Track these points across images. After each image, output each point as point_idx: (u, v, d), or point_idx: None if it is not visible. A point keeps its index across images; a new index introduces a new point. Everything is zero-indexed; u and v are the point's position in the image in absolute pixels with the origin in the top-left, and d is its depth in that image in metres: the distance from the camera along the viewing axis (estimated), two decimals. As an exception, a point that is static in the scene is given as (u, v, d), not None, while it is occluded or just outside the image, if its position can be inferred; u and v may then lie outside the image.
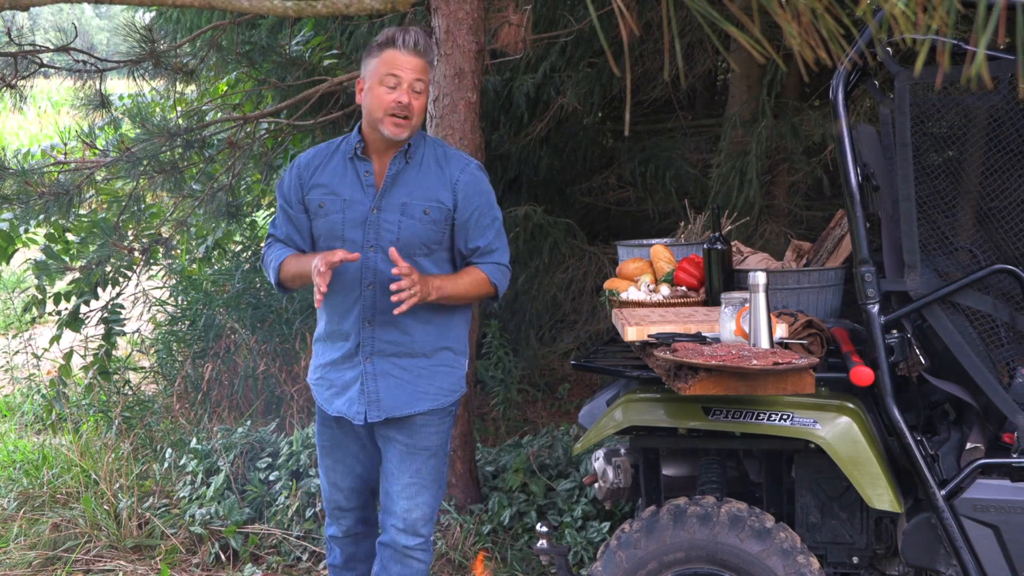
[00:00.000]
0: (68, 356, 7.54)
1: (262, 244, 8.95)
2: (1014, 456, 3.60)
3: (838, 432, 3.69)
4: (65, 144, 7.69)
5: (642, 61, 7.03)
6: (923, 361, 3.74)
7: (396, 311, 3.63)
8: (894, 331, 3.65)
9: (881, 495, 3.65)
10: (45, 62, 6.21)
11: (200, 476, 6.04)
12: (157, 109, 8.41)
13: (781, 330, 3.74)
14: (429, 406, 3.92)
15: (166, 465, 6.40)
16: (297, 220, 3.97)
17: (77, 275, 6.94)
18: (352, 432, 4.03)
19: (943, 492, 3.60)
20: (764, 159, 6.53)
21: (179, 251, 8.41)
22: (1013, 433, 3.62)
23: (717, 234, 4.39)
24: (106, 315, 7.34)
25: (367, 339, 3.88)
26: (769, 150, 6.57)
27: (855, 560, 3.98)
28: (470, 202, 3.89)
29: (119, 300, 7.44)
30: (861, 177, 3.64)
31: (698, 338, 3.75)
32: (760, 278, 3.57)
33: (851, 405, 3.76)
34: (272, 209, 9.41)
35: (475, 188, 3.92)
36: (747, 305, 3.62)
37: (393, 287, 3.61)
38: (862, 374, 3.60)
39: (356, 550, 4.23)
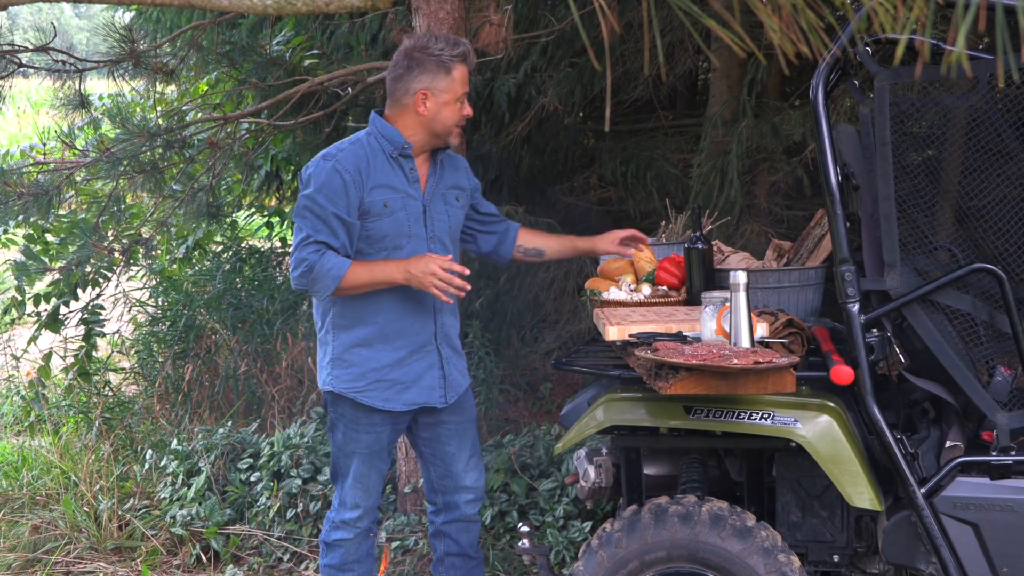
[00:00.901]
0: (48, 357, 7.51)
1: (244, 244, 9.00)
2: (993, 454, 3.61)
3: (819, 431, 3.70)
4: (44, 144, 7.64)
5: (623, 61, 7.03)
6: (903, 360, 3.75)
7: (448, 299, 3.88)
8: (874, 330, 3.65)
9: (861, 493, 3.66)
10: (24, 62, 6.18)
11: (181, 477, 6.02)
12: (137, 109, 8.36)
13: (762, 329, 3.75)
14: (468, 381, 4.32)
15: (147, 466, 6.37)
16: (351, 226, 3.92)
17: (57, 276, 6.92)
18: (391, 428, 4.15)
19: (923, 490, 3.61)
20: (745, 159, 6.54)
21: (159, 252, 8.38)
22: (992, 431, 3.64)
23: (698, 233, 4.39)
24: (86, 316, 7.32)
25: (440, 327, 4.12)
26: (750, 150, 6.58)
27: (836, 558, 3.99)
28: (473, 181, 4.35)
29: (99, 301, 7.41)
30: (841, 176, 3.64)
31: (679, 337, 3.76)
32: (741, 277, 3.58)
33: (831, 404, 3.77)
34: (252, 209, 9.40)
35: (474, 178, 4.38)
36: (728, 304, 3.63)
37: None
38: (842, 373, 3.61)
39: (359, 549, 4.26)
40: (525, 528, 4.34)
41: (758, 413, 3.75)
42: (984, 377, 3.70)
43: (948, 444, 3.69)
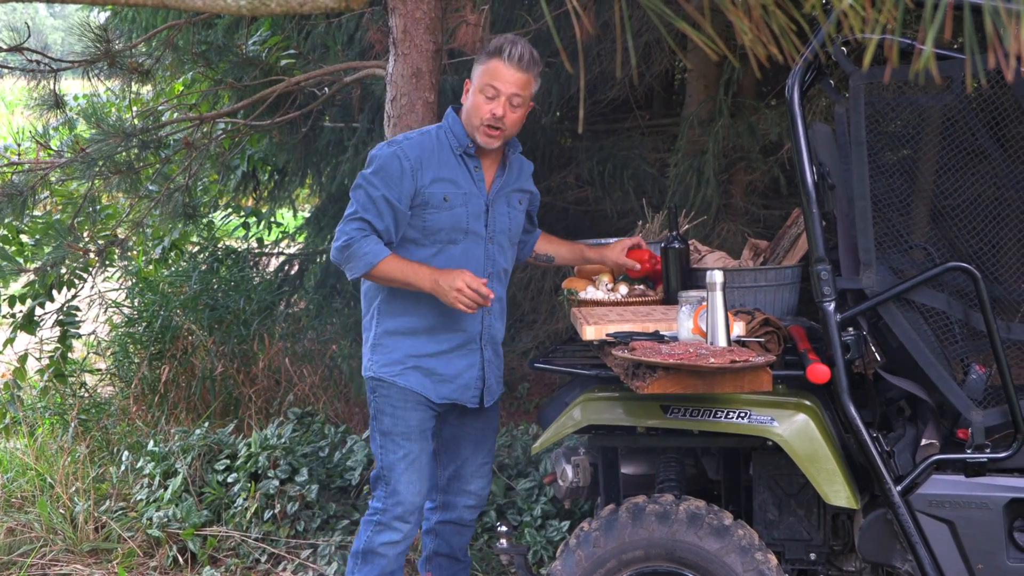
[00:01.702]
0: (23, 359, 7.47)
1: (220, 245, 8.98)
2: (968, 452, 3.63)
3: (795, 429, 3.71)
4: (19, 145, 7.60)
5: (599, 61, 7.03)
6: (879, 358, 3.77)
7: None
8: (850, 329, 3.67)
9: (838, 492, 3.67)
10: (-2, 62, 6.15)
11: (157, 479, 5.99)
12: (112, 109, 8.35)
13: (738, 328, 3.75)
14: (502, 390, 4.34)
15: (123, 468, 6.34)
16: (400, 213, 3.94)
17: (32, 277, 6.88)
18: (434, 419, 4.16)
19: (899, 488, 3.62)
20: (721, 158, 6.55)
21: (135, 252, 8.36)
22: (967, 429, 3.66)
23: (675, 233, 4.40)
24: (61, 317, 7.29)
25: (487, 328, 4.13)
26: (726, 149, 6.60)
27: (812, 556, 4.00)
28: (535, 187, 4.40)
29: (74, 302, 7.39)
30: (817, 176, 3.65)
31: (656, 337, 3.76)
32: (717, 277, 3.59)
33: (808, 402, 3.78)
34: (228, 210, 9.37)
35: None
36: (704, 304, 3.64)
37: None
38: (818, 372, 3.62)
39: (398, 560, 4.16)
40: (503, 528, 4.35)
41: (735, 412, 3.76)
42: (959, 375, 3.72)
43: (924, 442, 3.70)
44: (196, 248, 8.87)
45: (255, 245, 9.37)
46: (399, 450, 4.08)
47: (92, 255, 6.60)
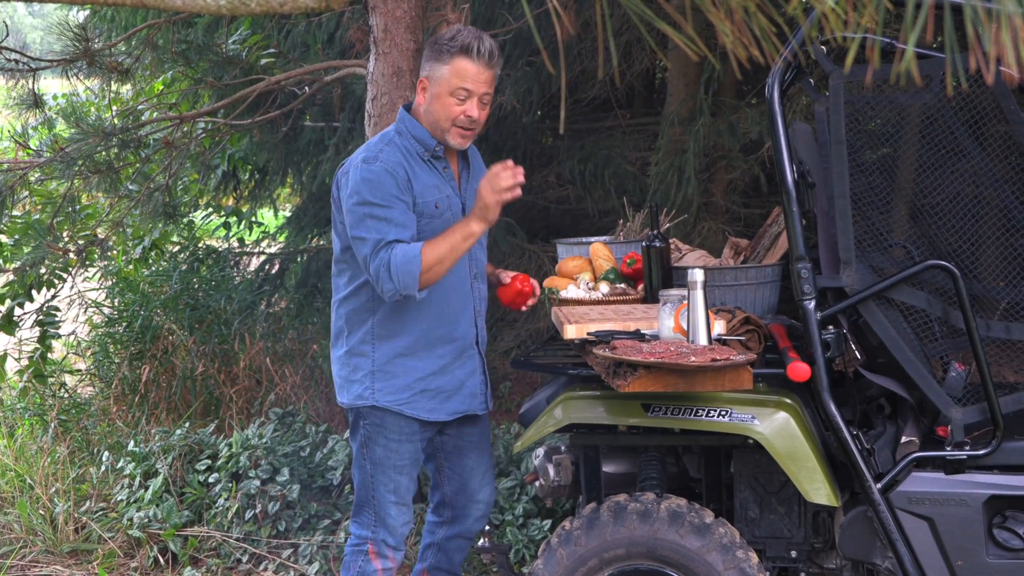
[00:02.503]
0: (2, 359, 7.43)
1: (201, 244, 8.96)
2: (948, 449, 3.64)
3: (776, 427, 3.72)
4: (-2, 144, 7.58)
5: (580, 60, 7.04)
6: (859, 356, 3.78)
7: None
8: (830, 327, 3.68)
9: (818, 489, 3.69)
10: (-24, 61, 6.13)
11: (138, 479, 5.98)
12: (92, 108, 8.33)
13: (719, 327, 3.76)
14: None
15: (103, 468, 6.32)
16: (412, 216, 3.76)
17: (11, 277, 6.85)
18: (428, 438, 4.06)
19: (879, 485, 3.63)
20: (702, 157, 6.57)
21: (115, 252, 8.33)
22: (947, 426, 3.67)
23: (655, 232, 4.41)
24: (41, 317, 7.25)
25: (480, 331, 4.07)
26: (707, 148, 6.61)
27: (793, 554, 4.01)
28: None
29: (54, 302, 7.35)
30: (797, 175, 3.67)
31: (637, 335, 3.77)
32: (698, 275, 3.59)
33: (788, 400, 3.79)
34: (209, 209, 9.35)
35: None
36: (685, 302, 3.64)
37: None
38: (799, 370, 3.63)
39: None
40: (485, 527, 4.35)
41: (716, 410, 3.77)
42: (939, 373, 3.74)
43: (904, 439, 3.72)
44: (176, 248, 8.85)
45: (236, 245, 9.35)
46: (390, 483, 3.98)
47: (72, 255, 6.58)
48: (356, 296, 3.93)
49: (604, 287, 4.48)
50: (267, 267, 8.72)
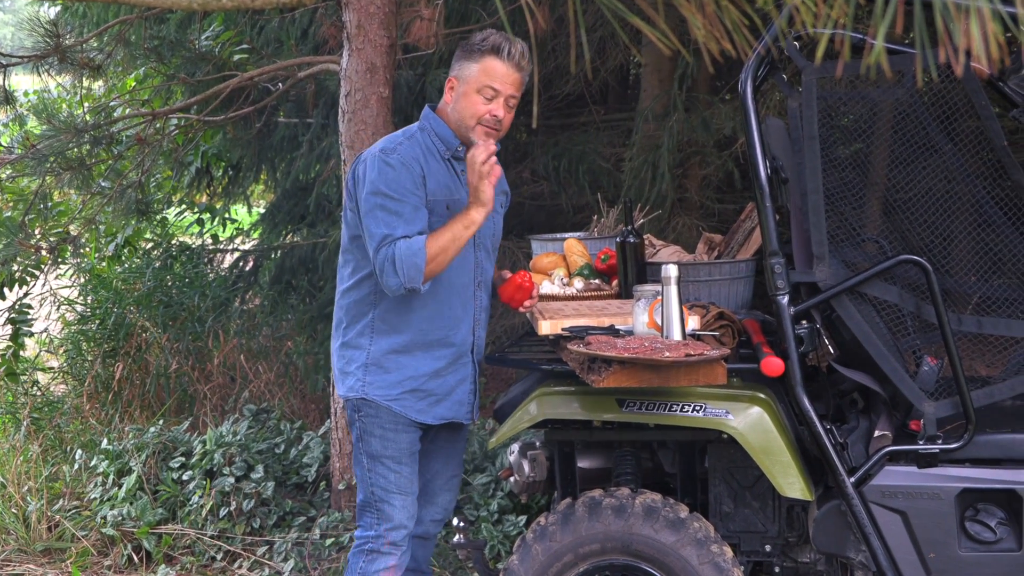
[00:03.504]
0: (-26, 357, 7.39)
1: (174, 241, 8.93)
2: (921, 443, 3.66)
3: (750, 422, 3.73)
4: (-32, 141, 7.53)
5: (555, 55, 7.05)
6: (832, 351, 3.79)
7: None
8: (804, 322, 3.69)
9: (792, 483, 3.70)
10: (-54, 57, 6.08)
11: (111, 477, 5.95)
12: (64, 105, 8.28)
13: (693, 322, 3.77)
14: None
15: (76, 466, 6.29)
16: (423, 211, 3.75)
17: (-18, 275, 6.80)
18: (420, 439, 4.01)
19: (852, 479, 3.65)
20: (676, 153, 6.58)
21: (88, 249, 8.29)
22: (920, 420, 3.69)
23: (630, 227, 4.41)
24: (13, 315, 7.20)
25: (478, 339, 4.02)
26: (681, 144, 6.62)
27: (767, 548, 4.02)
28: (507, 186, 4.18)
29: (26, 300, 7.31)
30: (770, 170, 3.68)
31: (611, 331, 3.77)
32: (672, 271, 3.60)
33: (762, 395, 3.80)
34: (182, 206, 9.32)
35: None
36: (659, 298, 3.65)
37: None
38: (772, 364, 3.64)
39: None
40: (460, 523, 4.34)
41: (690, 405, 3.78)
42: (911, 367, 3.76)
43: (877, 434, 3.73)
44: (150, 245, 8.82)
45: (209, 241, 9.32)
46: (390, 474, 3.92)
47: (44, 252, 6.54)
48: (358, 288, 3.92)
49: (578, 283, 4.49)
50: (241, 264, 8.70)
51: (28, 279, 6.94)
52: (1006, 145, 3.77)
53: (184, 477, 5.81)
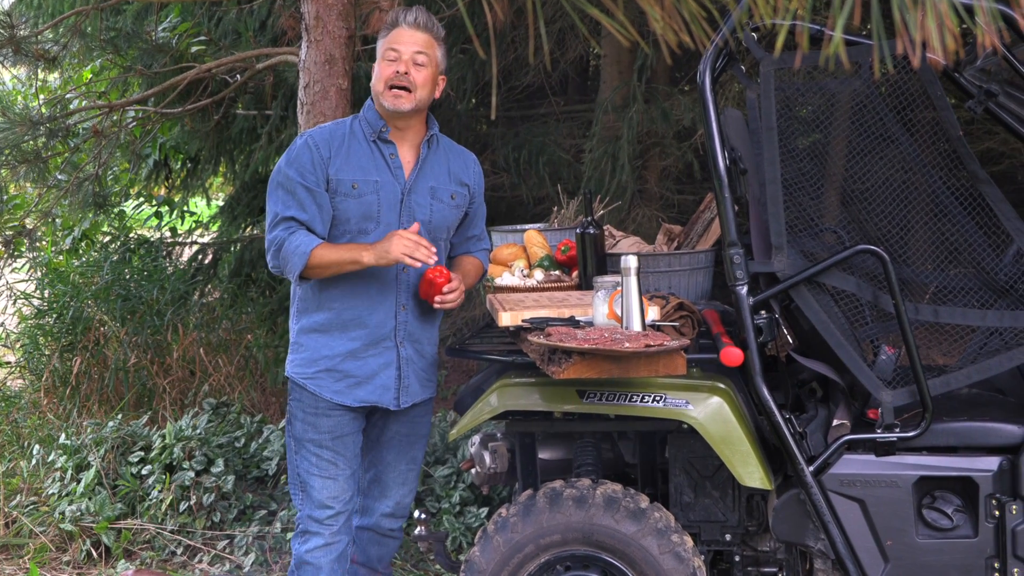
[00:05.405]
0: (-71, 352, 7.33)
1: (132, 234, 8.87)
2: (878, 431, 3.69)
3: (709, 412, 3.75)
4: (-78, 134, 7.44)
5: (514, 47, 7.04)
6: (791, 341, 3.81)
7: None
8: (762, 312, 3.71)
9: (752, 473, 3.72)
10: (-102, 49, 6.01)
11: (70, 472, 5.91)
12: (19, 97, 8.22)
13: (653, 313, 3.78)
14: (431, 394, 4.14)
15: (34, 462, 6.25)
16: (322, 200, 3.80)
17: (-63, 269, 6.74)
18: (353, 421, 3.97)
19: (811, 468, 3.67)
20: (636, 144, 6.59)
21: (44, 243, 8.23)
22: (877, 409, 3.71)
23: (589, 219, 4.41)
24: (-32, 309, 7.16)
25: (402, 324, 3.94)
26: (640, 135, 6.64)
27: (728, 537, 4.05)
28: (479, 191, 4.17)
29: (-18, 294, 7.26)
30: (729, 161, 3.69)
31: (571, 322, 3.78)
32: (632, 262, 3.60)
33: (722, 385, 3.82)
34: (140, 199, 9.26)
35: (481, 179, 4.20)
36: (619, 289, 3.65)
37: (442, 298, 3.80)
38: (732, 355, 3.66)
39: (340, 557, 4.00)
40: (421, 515, 4.34)
41: (650, 396, 3.79)
42: (869, 356, 3.78)
43: (835, 423, 3.76)
44: (107, 238, 8.76)
45: (168, 234, 9.27)
46: (311, 457, 3.93)
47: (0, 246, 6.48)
48: None
49: (539, 274, 4.49)
50: (200, 257, 8.65)
51: (-17, 273, 6.89)
52: (962, 135, 3.80)
53: (143, 472, 5.78)
